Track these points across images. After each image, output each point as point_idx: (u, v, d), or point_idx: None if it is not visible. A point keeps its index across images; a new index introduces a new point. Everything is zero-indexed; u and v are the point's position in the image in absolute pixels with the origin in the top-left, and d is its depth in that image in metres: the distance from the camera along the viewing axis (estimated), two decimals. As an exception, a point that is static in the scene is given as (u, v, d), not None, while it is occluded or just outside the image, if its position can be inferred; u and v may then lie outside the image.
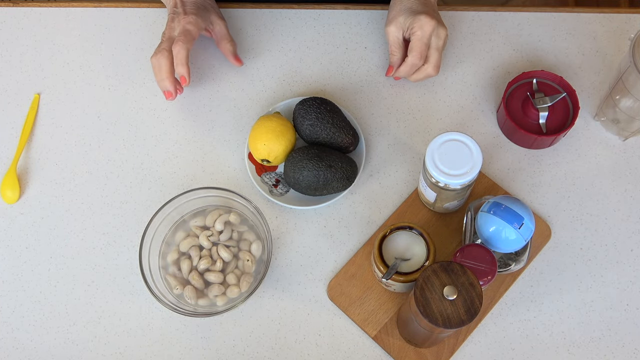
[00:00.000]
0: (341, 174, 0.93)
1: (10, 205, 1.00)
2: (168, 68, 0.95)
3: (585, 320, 0.91)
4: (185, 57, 0.94)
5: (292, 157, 0.94)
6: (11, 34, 1.09)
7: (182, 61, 0.94)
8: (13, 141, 1.03)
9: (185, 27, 0.96)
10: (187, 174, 1.00)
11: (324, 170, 0.92)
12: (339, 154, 0.95)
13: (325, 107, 0.95)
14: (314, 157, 0.92)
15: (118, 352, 0.93)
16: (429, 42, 0.96)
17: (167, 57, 0.95)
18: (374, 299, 0.92)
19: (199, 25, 0.97)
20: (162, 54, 0.95)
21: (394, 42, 0.99)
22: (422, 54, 0.96)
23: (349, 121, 0.98)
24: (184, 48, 0.94)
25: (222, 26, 1.01)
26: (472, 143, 0.83)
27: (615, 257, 0.94)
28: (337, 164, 0.93)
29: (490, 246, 0.82)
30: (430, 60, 0.97)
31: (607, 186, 0.97)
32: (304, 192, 0.95)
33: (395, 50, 0.99)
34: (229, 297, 0.92)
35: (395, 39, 0.98)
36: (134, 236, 0.98)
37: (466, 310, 0.71)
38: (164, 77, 0.95)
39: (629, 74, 0.88)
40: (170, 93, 0.96)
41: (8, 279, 0.96)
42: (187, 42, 0.95)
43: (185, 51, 0.94)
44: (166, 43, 0.96)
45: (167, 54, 0.95)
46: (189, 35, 0.95)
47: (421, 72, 0.98)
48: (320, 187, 0.93)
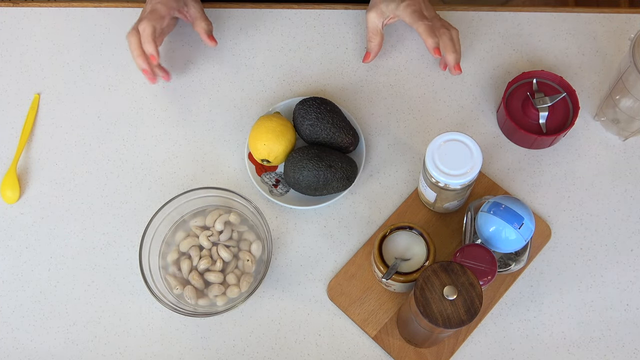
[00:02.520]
0: (341, 174, 0.93)
1: (10, 205, 1.00)
2: (136, 45, 0.96)
3: (585, 320, 0.91)
4: (151, 34, 0.95)
5: (292, 157, 0.94)
6: (11, 34, 1.09)
7: (147, 38, 0.95)
8: (13, 141, 1.03)
9: (154, 6, 0.97)
10: (187, 174, 1.00)
11: (324, 170, 0.92)
12: (339, 154, 0.95)
13: (325, 107, 0.95)
14: (314, 157, 0.92)
15: (118, 352, 0.93)
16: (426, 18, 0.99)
17: (134, 35, 0.96)
18: (374, 299, 0.92)
19: (169, 5, 0.98)
20: (131, 33, 0.96)
21: (373, 28, 1.01)
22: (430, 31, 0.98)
23: (349, 121, 0.98)
24: (149, 25, 0.95)
25: (196, 8, 1.01)
26: (472, 143, 0.83)
27: (615, 257, 0.94)
28: (337, 164, 0.93)
29: (490, 246, 0.82)
30: (441, 31, 0.98)
31: (607, 186, 0.97)
32: (304, 192, 0.95)
33: (373, 37, 1.01)
34: (229, 297, 0.92)
35: (374, 25, 1.01)
36: (134, 236, 0.98)
37: (466, 310, 0.71)
38: (134, 55, 0.96)
39: (629, 74, 0.88)
40: (146, 71, 0.97)
41: (8, 279, 0.96)
42: (152, 20, 0.95)
43: (151, 28, 0.95)
44: (136, 23, 0.97)
45: (134, 33, 0.96)
46: (156, 13, 0.96)
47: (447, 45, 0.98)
48: (320, 187, 0.93)
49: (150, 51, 0.95)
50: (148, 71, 0.97)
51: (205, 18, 1.01)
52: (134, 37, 0.96)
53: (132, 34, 0.96)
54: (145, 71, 0.97)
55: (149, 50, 0.95)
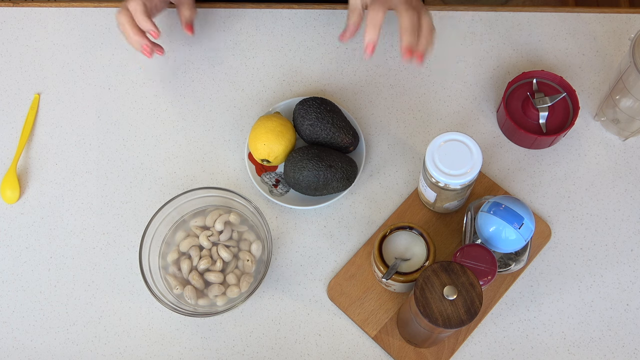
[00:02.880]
0: (341, 174, 0.93)
1: (10, 205, 1.00)
2: (130, 24, 0.93)
3: (585, 320, 0.91)
4: (142, 12, 0.93)
5: (292, 157, 0.94)
6: (11, 34, 1.09)
7: (142, 16, 0.93)
8: (13, 141, 1.03)
9: None
10: (187, 174, 1.00)
11: (324, 170, 0.92)
12: (339, 154, 0.95)
13: (325, 107, 0.95)
14: (314, 157, 0.92)
15: (118, 352, 0.93)
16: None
17: (125, 15, 0.93)
18: (374, 299, 0.92)
19: None
20: (121, 12, 0.94)
21: (352, 4, 0.93)
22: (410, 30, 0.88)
23: (349, 121, 0.98)
24: (139, 3, 0.93)
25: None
26: (472, 143, 0.83)
27: (615, 257, 0.94)
28: (337, 164, 0.93)
29: (490, 246, 0.82)
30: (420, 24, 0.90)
31: (607, 186, 0.97)
32: (304, 192, 0.95)
33: (350, 14, 0.93)
34: (229, 297, 0.92)
35: (354, 3, 0.92)
36: (134, 236, 0.97)
37: (466, 310, 0.71)
38: (130, 34, 0.94)
39: (629, 74, 0.88)
40: (146, 46, 0.94)
41: (8, 279, 0.96)
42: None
43: (141, 6, 0.93)
44: (124, 2, 0.95)
45: (124, 12, 0.93)
46: None
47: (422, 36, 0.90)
48: (320, 187, 0.93)
49: (150, 27, 0.93)
50: (148, 46, 0.94)
51: (191, 5, 0.99)
52: (125, 16, 0.93)
53: (123, 13, 0.93)
54: (145, 47, 0.94)
55: (147, 27, 0.93)
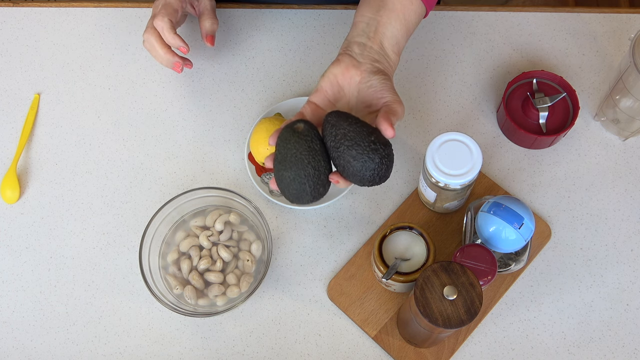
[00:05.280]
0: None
1: (10, 205, 1.00)
2: (159, 42, 0.93)
3: (585, 320, 0.91)
4: (170, 28, 0.93)
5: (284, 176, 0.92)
6: (11, 34, 1.09)
7: (170, 33, 0.93)
8: (13, 141, 1.03)
9: (166, 0, 0.95)
10: (187, 174, 1.00)
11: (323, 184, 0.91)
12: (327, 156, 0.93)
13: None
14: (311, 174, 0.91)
15: (118, 352, 0.93)
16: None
17: (152, 34, 0.94)
18: (374, 299, 0.92)
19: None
20: (147, 32, 0.94)
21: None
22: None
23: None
24: (164, 20, 0.93)
25: (207, 2, 0.99)
26: (472, 143, 0.83)
27: (615, 257, 0.94)
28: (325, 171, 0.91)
29: (490, 246, 0.82)
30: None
31: (607, 186, 0.97)
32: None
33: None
34: (229, 297, 0.92)
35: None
36: (134, 236, 0.97)
37: (466, 310, 0.71)
38: (160, 54, 0.94)
39: (629, 74, 0.88)
40: (178, 63, 0.95)
41: (8, 279, 0.96)
42: (166, 15, 0.93)
43: (168, 23, 0.93)
44: (150, 21, 0.95)
45: (152, 31, 0.94)
46: (169, 7, 0.94)
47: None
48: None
49: (179, 43, 0.93)
50: (180, 63, 0.95)
51: (212, 16, 0.99)
52: (152, 35, 0.94)
53: (150, 32, 0.94)
54: (176, 64, 0.95)
55: (177, 43, 0.93)
